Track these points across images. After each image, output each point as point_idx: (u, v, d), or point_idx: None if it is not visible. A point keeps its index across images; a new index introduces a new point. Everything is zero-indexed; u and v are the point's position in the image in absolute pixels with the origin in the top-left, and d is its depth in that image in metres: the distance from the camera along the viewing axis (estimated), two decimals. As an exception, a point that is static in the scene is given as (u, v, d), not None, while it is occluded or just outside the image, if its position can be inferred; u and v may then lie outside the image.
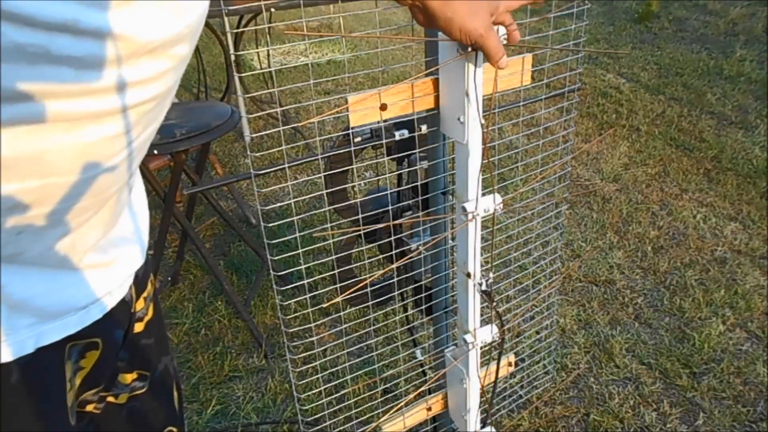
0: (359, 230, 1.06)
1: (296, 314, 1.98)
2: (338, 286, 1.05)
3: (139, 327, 0.71)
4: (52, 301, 0.54)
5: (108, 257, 0.61)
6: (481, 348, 0.99)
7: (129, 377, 0.71)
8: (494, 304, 0.90)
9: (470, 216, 0.87)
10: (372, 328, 1.36)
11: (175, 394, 0.81)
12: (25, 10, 0.38)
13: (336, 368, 1.63)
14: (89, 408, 0.68)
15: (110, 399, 0.70)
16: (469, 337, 0.97)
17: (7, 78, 0.39)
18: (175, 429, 0.81)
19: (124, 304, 0.66)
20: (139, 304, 0.70)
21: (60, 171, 0.47)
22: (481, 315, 0.97)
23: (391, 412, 1.08)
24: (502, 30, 0.81)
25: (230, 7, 2.02)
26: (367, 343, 1.87)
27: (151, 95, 0.51)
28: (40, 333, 0.54)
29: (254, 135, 3.01)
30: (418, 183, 1.03)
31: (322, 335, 1.97)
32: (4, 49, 0.38)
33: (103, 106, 0.46)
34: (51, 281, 0.54)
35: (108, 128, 0.48)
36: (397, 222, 1.07)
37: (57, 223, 0.50)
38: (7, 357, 0.52)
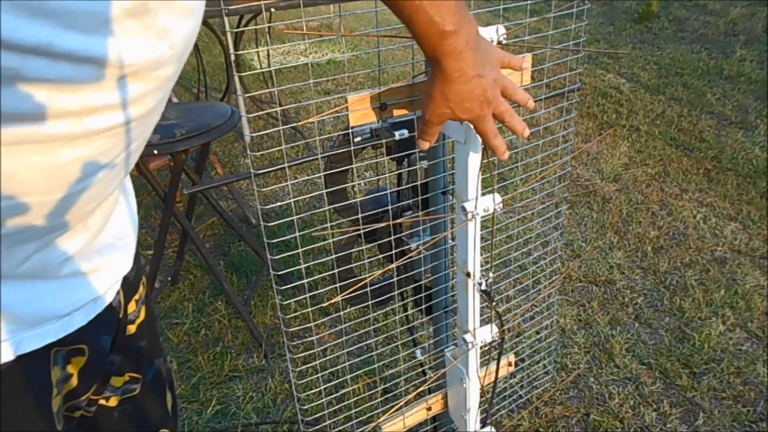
0: (359, 230, 1.06)
1: (296, 314, 1.98)
2: (338, 285, 1.05)
3: (130, 329, 0.70)
4: (30, 309, 0.54)
5: (92, 265, 0.60)
6: (481, 348, 0.99)
7: (121, 380, 0.71)
8: (494, 303, 0.90)
9: (470, 216, 0.86)
10: (372, 327, 1.36)
11: (169, 396, 0.80)
12: None
13: (336, 368, 1.63)
14: (78, 413, 0.67)
15: (102, 402, 0.69)
16: (468, 337, 0.97)
17: None
18: (167, 431, 0.80)
19: (111, 310, 0.65)
20: (131, 307, 0.70)
21: (32, 191, 0.45)
22: (481, 315, 0.97)
23: (391, 411, 1.08)
24: (502, 29, 0.81)
25: (230, 7, 2.02)
26: (367, 342, 1.87)
27: (131, 117, 0.49)
28: (19, 340, 0.53)
29: (254, 135, 3.01)
30: (418, 183, 1.04)
31: (322, 335, 1.97)
32: None
33: (79, 128, 0.45)
34: (28, 290, 0.53)
35: (84, 150, 0.46)
36: (396, 222, 1.07)
37: (30, 239, 0.49)
38: None
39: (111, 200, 0.59)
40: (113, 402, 0.71)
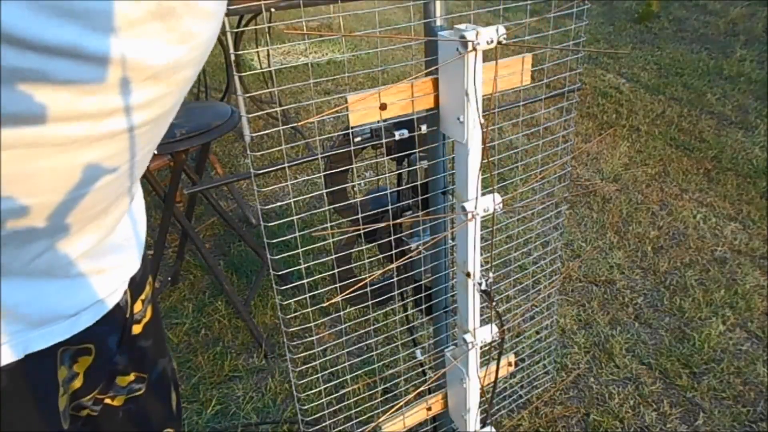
0: (359, 230, 1.06)
1: (296, 314, 1.98)
2: (338, 285, 1.05)
3: (136, 329, 0.70)
4: (38, 308, 0.54)
5: (100, 265, 0.60)
6: (481, 348, 0.99)
7: (126, 379, 0.71)
8: (494, 303, 0.90)
9: (470, 216, 0.86)
10: (372, 328, 1.36)
11: (173, 395, 0.81)
12: (26, 33, 0.37)
13: (336, 368, 1.63)
14: (84, 412, 0.67)
15: (107, 401, 0.70)
16: (468, 337, 0.97)
17: (2, 101, 0.38)
18: (172, 430, 0.81)
19: (119, 310, 0.65)
20: (137, 307, 0.70)
21: (48, 190, 0.46)
22: (481, 315, 0.97)
23: (391, 411, 1.08)
24: (502, 29, 0.81)
25: (230, 7, 2.02)
26: (367, 342, 1.87)
27: (149, 118, 0.49)
28: (27, 340, 0.54)
29: (254, 135, 3.01)
30: (418, 183, 1.04)
31: (322, 335, 1.97)
32: (2, 71, 0.37)
33: (99, 129, 0.45)
34: (37, 289, 0.53)
35: (102, 151, 0.47)
36: (397, 222, 1.07)
37: (42, 237, 0.50)
38: None
39: (121, 201, 0.59)
40: (118, 401, 0.71)
